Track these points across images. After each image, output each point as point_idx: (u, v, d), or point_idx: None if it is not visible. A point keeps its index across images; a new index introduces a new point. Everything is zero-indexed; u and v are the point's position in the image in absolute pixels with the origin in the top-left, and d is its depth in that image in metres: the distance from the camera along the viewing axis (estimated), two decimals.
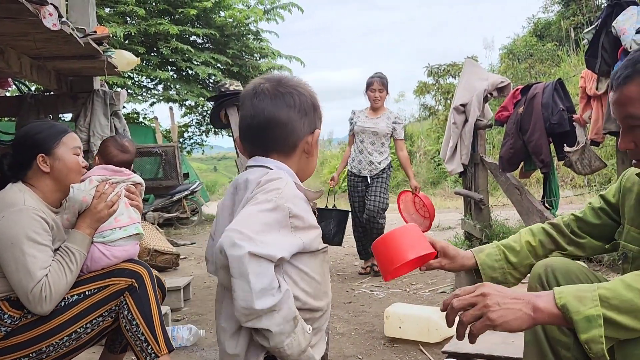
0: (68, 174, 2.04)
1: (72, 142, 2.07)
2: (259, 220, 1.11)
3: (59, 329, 1.91)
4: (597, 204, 1.64)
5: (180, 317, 3.48)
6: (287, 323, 1.11)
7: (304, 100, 1.28)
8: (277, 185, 1.18)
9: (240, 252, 1.06)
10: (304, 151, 1.30)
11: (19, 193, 1.95)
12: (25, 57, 3.29)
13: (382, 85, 4.61)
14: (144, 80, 11.99)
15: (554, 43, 14.23)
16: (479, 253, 1.63)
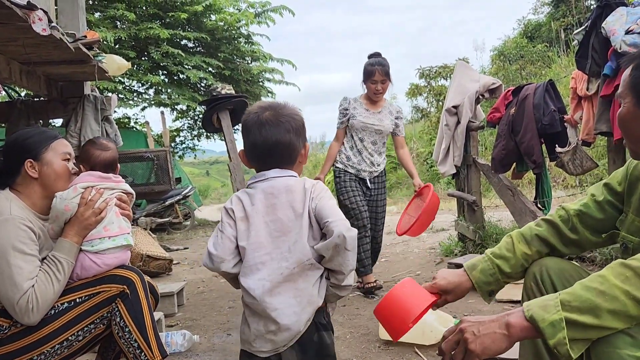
0: (56, 180, 2.01)
1: (62, 147, 2.05)
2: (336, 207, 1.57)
3: (50, 337, 1.89)
4: (601, 197, 1.59)
5: (174, 323, 3.46)
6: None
7: (298, 123, 1.63)
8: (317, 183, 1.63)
9: (354, 232, 1.50)
10: (299, 161, 1.66)
11: (5, 202, 1.92)
12: (14, 63, 3.26)
13: (385, 74, 3.93)
14: (135, 84, 11.94)
15: (545, 44, 14.33)
16: (472, 271, 1.61)
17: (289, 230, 1.55)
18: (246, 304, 1.60)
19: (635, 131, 1.33)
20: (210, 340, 3.06)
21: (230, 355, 2.79)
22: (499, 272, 1.60)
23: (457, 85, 4.87)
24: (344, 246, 1.47)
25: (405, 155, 4.24)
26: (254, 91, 12.51)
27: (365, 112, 4.01)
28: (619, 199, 1.57)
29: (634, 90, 1.30)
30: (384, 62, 3.97)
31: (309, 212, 1.55)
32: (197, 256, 6.75)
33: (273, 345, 1.54)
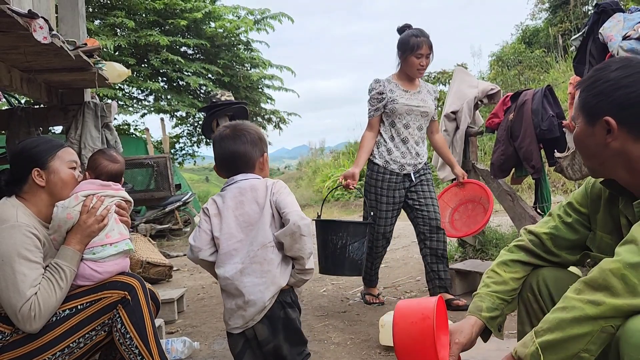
0: (63, 188, 2.03)
1: (68, 156, 2.08)
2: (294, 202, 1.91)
3: (51, 345, 1.89)
4: (569, 218, 1.62)
5: (174, 330, 3.45)
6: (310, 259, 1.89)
7: (253, 137, 2.00)
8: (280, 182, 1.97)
9: (308, 221, 1.84)
10: (259, 167, 2.02)
11: (12, 209, 1.94)
12: (15, 70, 3.28)
13: (430, 48, 3.49)
14: (135, 91, 11.97)
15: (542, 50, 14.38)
16: (480, 313, 1.60)
17: (255, 221, 1.91)
18: (222, 288, 1.95)
19: (589, 148, 1.41)
20: (210, 347, 3.06)
21: None
22: (501, 302, 1.62)
23: (456, 91, 4.88)
24: (300, 233, 1.82)
25: (441, 141, 3.89)
26: (254, 97, 12.54)
27: (405, 93, 3.52)
28: (586, 219, 1.61)
29: (583, 111, 1.40)
30: (427, 33, 3.50)
31: (270, 204, 1.91)
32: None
33: (244, 320, 1.88)
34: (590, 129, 1.39)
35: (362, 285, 4.48)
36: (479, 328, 1.60)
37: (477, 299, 1.64)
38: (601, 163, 1.42)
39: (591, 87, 1.38)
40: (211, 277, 5.46)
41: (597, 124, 1.37)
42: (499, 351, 2.22)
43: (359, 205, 13.81)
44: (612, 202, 1.50)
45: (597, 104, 1.36)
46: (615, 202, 1.49)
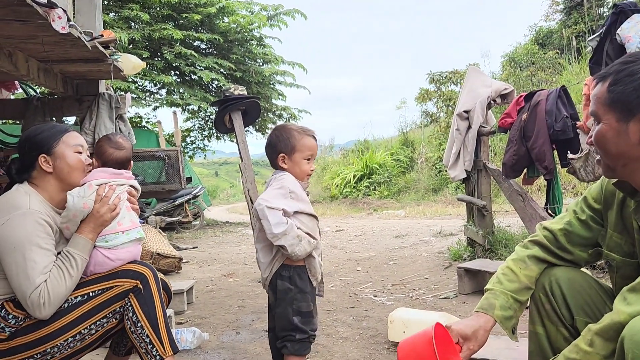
0: (70, 172, 2.03)
1: (73, 140, 2.06)
2: (272, 193, 2.10)
3: (63, 330, 1.91)
4: (583, 214, 1.60)
5: (184, 320, 3.48)
6: (293, 239, 2.04)
7: (270, 140, 2.23)
8: (281, 178, 2.16)
9: (262, 205, 2.05)
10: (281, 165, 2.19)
11: (24, 196, 1.95)
12: (32, 60, 3.30)
13: None
14: (148, 84, 12.03)
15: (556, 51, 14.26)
16: (493, 310, 1.56)
17: None
18: None
19: (617, 146, 1.31)
20: (219, 339, 3.08)
21: (239, 353, 2.80)
22: (515, 303, 1.58)
23: (469, 90, 4.87)
24: (257, 215, 2.09)
25: None
26: (265, 93, 12.55)
27: None
28: (599, 215, 1.58)
29: (615, 106, 1.28)
30: None
31: None
32: (206, 255, 6.78)
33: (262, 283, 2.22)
34: (622, 126, 1.28)
35: (371, 282, 4.50)
36: (491, 327, 1.56)
37: (489, 295, 1.60)
38: (625, 164, 1.32)
39: (627, 81, 1.26)
40: (220, 269, 5.53)
41: (632, 122, 1.26)
42: (508, 349, 2.22)
43: (367, 203, 13.81)
44: (625, 203, 1.47)
45: (635, 98, 1.24)
46: (628, 203, 1.46)
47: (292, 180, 2.16)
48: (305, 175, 2.19)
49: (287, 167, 2.19)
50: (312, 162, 2.20)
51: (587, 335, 1.29)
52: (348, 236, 7.94)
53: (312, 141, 2.20)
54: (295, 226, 2.07)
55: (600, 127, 1.33)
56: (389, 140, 17.89)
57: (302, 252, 2.05)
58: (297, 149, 2.17)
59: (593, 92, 1.36)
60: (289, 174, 2.18)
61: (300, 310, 2.08)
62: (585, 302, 1.52)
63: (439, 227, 7.32)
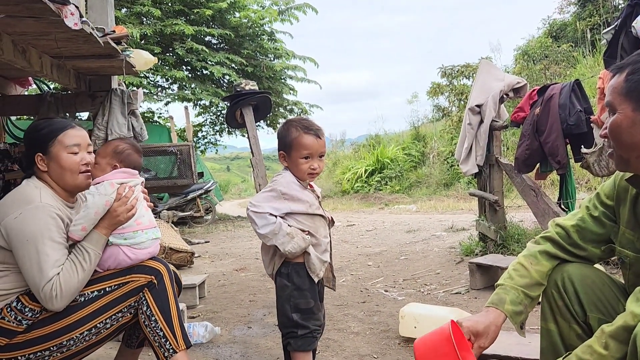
0: (62, 174, 2.01)
1: (68, 140, 2.02)
2: (260, 196, 2.13)
3: (79, 324, 1.94)
4: (596, 211, 1.59)
5: (196, 315, 3.51)
6: (284, 238, 2.04)
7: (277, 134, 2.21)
8: (276, 178, 2.17)
9: (247, 211, 2.12)
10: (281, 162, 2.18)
11: (35, 190, 1.97)
12: (46, 57, 3.33)
13: None
14: (159, 79, 12.08)
15: (570, 44, 14.09)
16: (503, 305, 1.55)
17: None
18: None
19: (632, 137, 1.30)
20: (231, 333, 3.10)
21: (250, 347, 2.82)
22: (525, 298, 1.57)
23: (481, 84, 4.83)
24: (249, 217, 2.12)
25: None
26: (276, 88, 12.55)
27: None
28: (612, 212, 1.57)
29: (632, 96, 1.28)
30: None
31: None
32: (217, 250, 6.82)
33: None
34: (638, 116, 1.28)
35: (382, 277, 4.50)
36: (502, 323, 1.55)
37: (500, 291, 1.59)
38: (639, 155, 1.32)
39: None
40: (232, 264, 5.56)
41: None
42: (520, 345, 2.21)
43: (378, 198, 13.78)
44: (638, 200, 1.46)
45: None
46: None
47: (287, 181, 2.12)
48: (305, 174, 2.12)
49: (287, 165, 2.16)
50: (312, 160, 2.10)
51: (602, 337, 1.28)
52: (359, 231, 7.94)
53: (310, 139, 2.09)
54: (284, 225, 2.05)
55: (615, 117, 1.32)
56: (400, 135, 17.82)
57: (296, 249, 2.04)
58: (293, 147, 2.11)
59: (609, 83, 1.35)
60: (287, 174, 2.15)
61: (298, 307, 2.08)
62: (598, 298, 1.51)
63: (451, 222, 7.29)
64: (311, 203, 2.13)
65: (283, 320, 2.12)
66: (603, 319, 1.46)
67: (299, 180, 2.14)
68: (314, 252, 2.10)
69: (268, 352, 2.73)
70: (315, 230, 2.13)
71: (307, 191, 2.16)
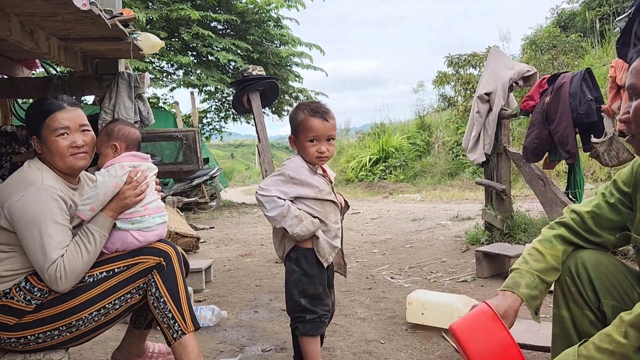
0: (52, 158, 1.99)
1: (55, 123, 1.97)
2: (268, 180, 2.13)
3: (88, 304, 1.94)
4: (612, 198, 1.57)
5: (202, 298, 3.52)
6: (292, 220, 2.03)
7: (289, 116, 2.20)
8: (285, 162, 2.15)
9: (256, 194, 2.13)
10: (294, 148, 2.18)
11: (37, 172, 1.96)
12: (53, 38, 3.31)
13: None
14: (165, 65, 12.04)
15: (579, 34, 13.95)
16: (519, 289, 1.54)
17: None
18: None
19: None
20: (237, 317, 3.11)
21: (257, 331, 2.83)
22: (541, 283, 1.56)
23: (491, 72, 4.79)
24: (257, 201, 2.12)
25: None
26: (282, 75, 12.49)
27: None
28: (629, 199, 1.55)
29: None
30: None
31: None
32: (223, 235, 6.83)
33: None
34: None
35: (387, 265, 4.50)
36: (519, 307, 1.55)
37: (515, 274, 1.58)
38: None
39: None
40: (237, 250, 5.57)
41: None
42: (529, 333, 2.21)
43: (383, 187, 13.77)
44: None
45: None
46: None
47: (296, 166, 2.10)
48: (313, 158, 2.09)
49: (296, 149, 2.15)
50: (319, 144, 2.07)
51: (621, 326, 1.26)
52: (364, 219, 7.93)
53: (316, 122, 2.06)
54: (293, 207, 2.04)
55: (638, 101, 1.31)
56: (405, 124, 17.76)
57: (304, 233, 2.03)
58: (300, 130, 2.09)
59: (632, 65, 1.34)
60: (297, 158, 2.13)
61: (306, 293, 2.07)
62: (612, 285, 1.50)
63: (456, 211, 7.28)
64: (321, 188, 2.11)
65: (291, 305, 2.11)
66: (617, 306, 1.45)
67: (309, 164, 2.12)
68: (323, 237, 2.08)
69: (275, 336, 2.74)
70: (325, 216, 2.11)
71: (318, 176, 2.13)
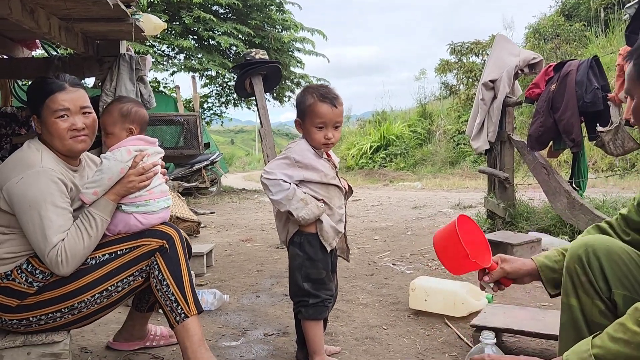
0: (52, 140, 1.96)
1: (55, 104, 1.93)
2: (273, 163, 2.10)
3: (90, 286, 1.92)
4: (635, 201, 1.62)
5: (204, 283, 3.51)
6: (298, 203, 2.01)
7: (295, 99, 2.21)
8: (290, 145, 2.14)
9: (261, 178, 2.10)
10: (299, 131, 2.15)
11: (36, 153, 1.92)
12: (54, 18, 3.26)
13: None
14: (166, 48, 11.95)
15: (582, 23, 13.85)
16: (537, 257, 1.64)
17: None
18: None
19: None
20: (239, 301, 3.10)
21: (259, 315, 2.82)
22: (562, 258, 1.59)
23: (496, 59, 4.74)
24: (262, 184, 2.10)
25: None
26: (284, 60, 12.41)
27: None
28: None
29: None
30: None
31: None
32: (223, 221, 6.82)
33: None
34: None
35: (389, 251, 4.49)
36: (530, 269, 1.65)
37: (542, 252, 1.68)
38: None
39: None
40: (238, 235, 5.55)
41: None
42: (534, 320, 2.19)
43: (383, 174, 13.75)
44: None
45: None
46: None
47: (302, 149, 2.08)
48: (319, 144, 2.07)
49: (302, 133, 2.12)
50: (327, 130, 2.04)
51: (636, 314, 1.26)
52: (365, 206, 7.92)
53: (325, 108, 2.03)
54: (298, 191, 2.02)
55: (635, 102, 1.37)
56: (406, 112, 17.70)
57: (309, 216, 2.01)
58: (307, 114, 2.06)
59: (627, 71, 1.40)
60: (302, 141, 2.11)
61: (309, 277, 2.06)
62: (624, 274, 1.47)
63: (457, 199, 7.26)
64: (326, 172, 2.09)
65: (294, 289, 2.10)
66: (629, 296, 1.43)
67: (314, 148, 2.09)
68: (328, 221, 2.07)
69: (277, 321, 2.73)
70: (329, 200, 2.09)
71: (323, 160, 2.11)
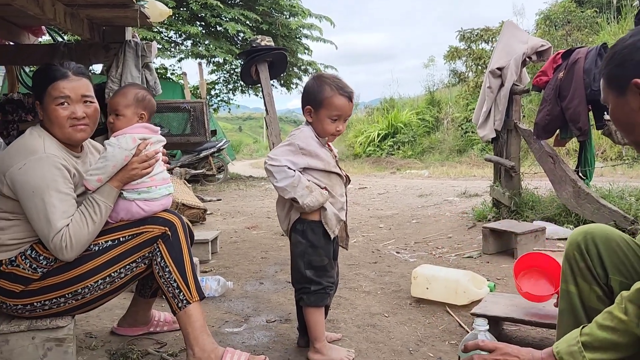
0: (52, 127, 1.96)
1: (56, 92, 1.94)
2: (278, 150, 2.10)
3: (93, 272, 1.94)
4: None
5: (208, 269, 3.54)
6: (303, 190, 2.01)
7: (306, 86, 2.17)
8: (294, 132, 2.16)
9: (265, 164, 2.09)
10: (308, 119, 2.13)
11: (39, 139, 1.93)
12: (59, 4, 3.26)
13: None
14: (173, 35, 11.92)
15: (594, 10, 13.66)
16: None
17: None
18: None
19: (628, 119, 1.39)
20: (243, 288, 3.12)
21: (262, 302, 2.84)
22: None
23: (504, 46, 4.69)
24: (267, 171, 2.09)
25: None
26: (291, 47, 12.36)
27: None
28: None
29: (610, 86, 1.39)
30: None
31: None
32: (229, 208, 6.85)
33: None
34: (622, 100, 1.37)
35: (393, 239, 4.49)
36: None
37: None
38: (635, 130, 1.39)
39: (611, 62, 1.39)
40: (244, 222, 5.58)
41: (627, 91, 1.34)
42: (534, 309, 2.20)
43: (390, 162, 13.72)
44: None
45: (621, 72, 1.35)
46: None
47: (306, 136, 2.09)
48: (328, 134, 2.10)
49: (311, 121, 2.11)
50: (339, 122, 2.08)
51: (621, 303, 1.29)
52: (371, 194, 7.92)
53: (343, 101, 2.06)
54: (303, 178, 2.03)
55: (610, 109, 1.43)
56: (414, 99, 17.59)
57: (314, 203, 2.01)
58: (324, 105, 2.06)
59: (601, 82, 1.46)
60: (307, 129, 2.11)
61: (312, 264, 2.07)
62: (620, 261, 1.49)
63: (464, 187, 7.24)
64: (329, 161, 2.10)
65: (296, 276, 2.12)
66: (625, 282, 1.45)
67: (318, 136, 2.10)
68: (331, 208, 2.08)
69: (280, 308, 2.75)
70: (331, 188, 2.10)
71: (325, 149, 2.12)
